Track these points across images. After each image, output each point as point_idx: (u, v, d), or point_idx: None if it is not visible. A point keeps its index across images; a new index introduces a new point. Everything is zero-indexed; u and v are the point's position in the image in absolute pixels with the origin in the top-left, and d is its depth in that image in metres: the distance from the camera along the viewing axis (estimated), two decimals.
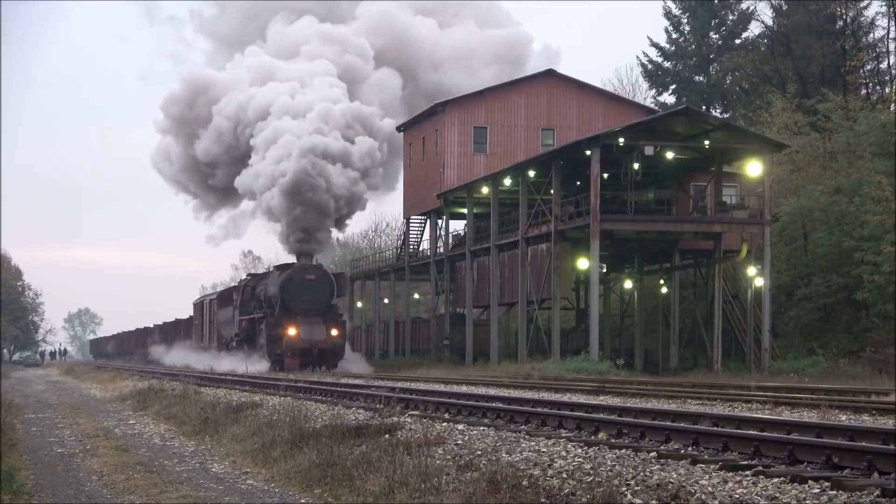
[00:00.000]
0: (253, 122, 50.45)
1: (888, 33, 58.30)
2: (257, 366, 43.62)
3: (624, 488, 8.96)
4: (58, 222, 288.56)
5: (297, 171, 45.22)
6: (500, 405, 15.96)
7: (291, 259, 48.68)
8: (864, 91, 57.60)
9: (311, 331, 43.40)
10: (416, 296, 64.81)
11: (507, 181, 48.66)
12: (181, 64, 61.35)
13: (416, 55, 59.46)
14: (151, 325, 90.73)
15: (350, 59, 54.39)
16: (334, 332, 43.89)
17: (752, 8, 67.92)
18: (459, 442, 12.24)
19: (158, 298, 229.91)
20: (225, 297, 56.98)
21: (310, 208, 45.45)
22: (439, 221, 56.44)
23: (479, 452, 11.35)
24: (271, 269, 51.49)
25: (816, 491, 8.41)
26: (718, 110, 65.85)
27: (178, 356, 63.94)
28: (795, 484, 8.73)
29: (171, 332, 77.00)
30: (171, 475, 13.25)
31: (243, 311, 49.53)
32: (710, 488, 8.76)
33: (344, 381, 27.58)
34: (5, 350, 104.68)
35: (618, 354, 46.44)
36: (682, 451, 10.77)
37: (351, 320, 58.91)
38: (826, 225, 44.35)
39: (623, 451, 10.80)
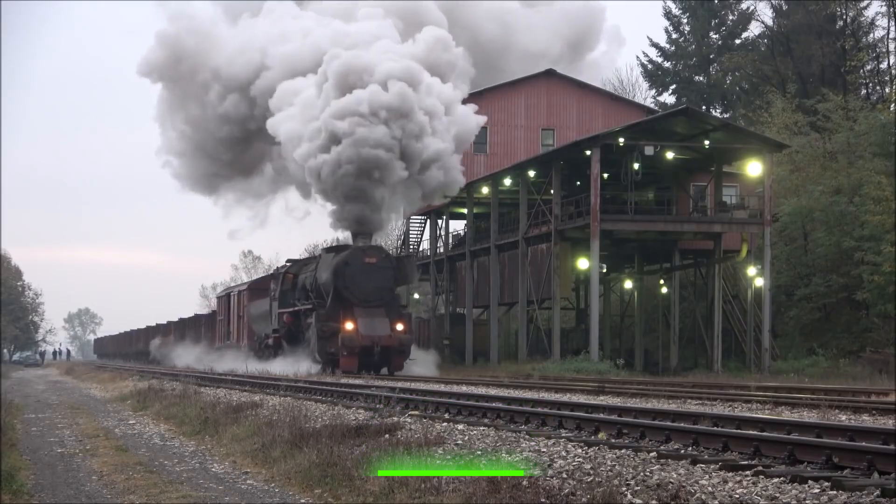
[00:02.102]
0: (280, 79, 42.98)
1: (888, 33, 58.45)
2: (303, 368, 36.72)
3: (624, 488, 8.96)
4: (58, 222, 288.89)
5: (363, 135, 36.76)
6: (500, 405, 15.95)
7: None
8: (864, 91, 57.65)
9: (373, 325, 35.99)
10: (416, 296, 64.86)
11: (507, 181, 48.69)
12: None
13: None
14: (165, 322, 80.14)
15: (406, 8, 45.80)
16: (399, 327, 36.59)
17: (752, 8, 68.13)
18: (459, 442, 12.24)
19: (159, 298, 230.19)
20: (258, 287, 49.90)
21: (372, 178, 37.24)
22: (439, 221, 56.45)
23: (479, 452, 11.35)
24: (321, 252, 42.40)
25: (816, 491, 8.41)
26: (718, 110, 65.89)
27: (199, 357, 56.12)
28: (795, 484, 8.72)
29: (190, 329, 68.03)
30: (171, 475, 13.25)
31: (283, 302, 41.91)
32: (710, 488, 8.76)
33: (344, 380, 27.55)
34: (5, 350, 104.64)
35: (618, 354, 46.47)
36: (682, 451, 10.76)
37: None
38: (826, 225, 44.37)
39: (623, 451, 10.80)
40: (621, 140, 41.33)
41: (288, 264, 44.66)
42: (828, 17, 58.74)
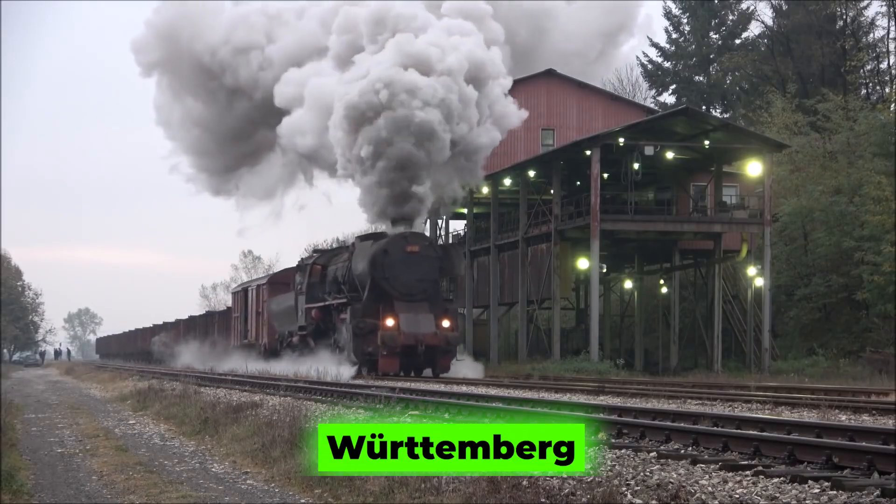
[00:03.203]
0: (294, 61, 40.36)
1: (888, 33, 58.46)
2: (337, 369, 32.24)
3: (624, 488, 8.96)
4: (58, 222, 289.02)
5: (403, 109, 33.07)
6: (500, 405, 15.96)
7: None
8: (864, 91, 57.68)
9: (416, 321, 32.33)
10: None
11: (507, 181, 48.68)
12: None
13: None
14: (173, 320, 75.79)
15: None
16: (446, 324, 32.80)
17: (752, 8, 68.07)
18: None
19: (159, 298, 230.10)
20: (280, 281, 45.90)
21: (419, 148, 33.31)
22: (439, 221, 56.41)
23: None
24: (355, 240, 37.62)
25: (816, 491, 8.41)
26: (718, 110, 65.89)
27: (213, 357, 52.30)
28: (795, 484, 8.73)
29: (200, 327, 64.09)
30: (171, 475, 13.25)
31: (311, 297, 37.90)
32: (710, 488, 8.77)
33: (343, 380, 27.57)
34: (5, 350, 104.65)
35: (618, 354, 46.47)
36: (682, 451, 10.77)
37: None
38: (826, 225, 44.37)
39: (623, 451, 10.80)
40: (621, 140, 41.33)
41: (314, 255, 40.96)
42: (828, 17, 58.76)
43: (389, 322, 32.25)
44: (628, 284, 52.40)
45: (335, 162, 36.19)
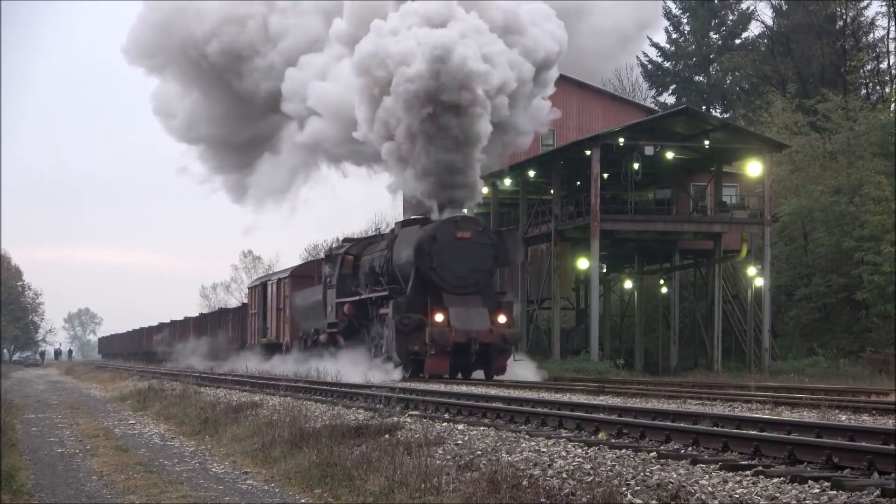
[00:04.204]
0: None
1: (888, 33, 58.51)
2: (377, 372, 29.43)
3: (624, 488, 8.96)
4: (58, 222, 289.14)
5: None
6: (500, 405, 15.96)
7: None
8: (864, 91, 57.70)
9: (468, 316, 28.85)
10: None
11: (508, 181, 48.68)
12: None
13: None
14: (181, 318, 71.59)
15: None
16: (502, 319, 29.28)
17: (752, 8, 68.17)
18: (459, 442, 12.24)
19: (159, 298, 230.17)
20: (303, 273, 42.45)
21: (458, 139, 30.16)
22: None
23: (479, 452, 11.35)
24: (395, 227, 33.71)
25: (816, 491, 8.41)
26: (718, 110, 65.90)
27: (229, 357, 49.25)
28: (795, 484, 8.72)
29: (212, 325, 59.72)
30: (171, 475, 13.25)
31: (342, 290, 34.32)
32: (710, 488, 8.77)
33: (343, 380, 27.55)
34: (5, 350, 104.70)
35: (618, 354, 46.48)
36: (682, 451, 10.77)
37: None
38: (826, 225, 44.39)
39: (623, 451, 10.80)
40: (621, 140, 41.34)
41: (343, 244, 37.67)
42: (828, 17, 58.79)
43: (439, 317, 28.71)
44: (628, 284, 52.41)
45: (359, 149, 34.04)
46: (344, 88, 34.89)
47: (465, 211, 31.48)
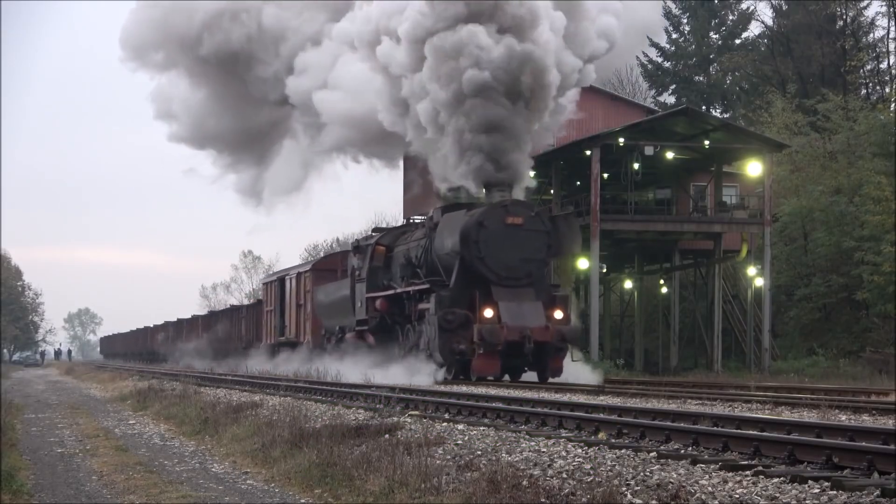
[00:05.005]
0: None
1: (888, 33, 58.46)
2: (415, 374, 26.62)
3: (624, 488, 8.96)
4: (58, 222, 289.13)
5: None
6: (500, 405, 15.96)
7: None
8: (864, 91, 57.68)
9: (521, 311, 26.11)
10: None
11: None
12: None
13: None
14: (189, 316, 69.11)
15: None
16: (558, 314, 26.60)
17: (752, 8, 68.17)
18: (459, 442, 12.24)
19: (159, 298, 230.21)
20: (325, 267, 39.78)
21: (506, 116, 27.38)
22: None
23: (479, 452, 11.36)
24: (433, 212, 29.96)
25: (816, 491, 8.41)
26: (718, 110, 65.86)
27: (241, 358, 46.62)
28: (795, 484, 8.73)
29: (223, 324, 56.71)
30: (171, 475, 13.25)
31: (373, 284, 31.43)
32: (710, 488, 8.77)
33: (343, 380, 27.52)
34: (5, 350, 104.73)
35: (618, 354, 46.46)
36: (682, 451, 10.77)
37: None
38: (826, 225, 44.39)
39: (623, 451, 10.80)
40: (621, 140, 41.33)
41: (372, 234, 34.80)
42: (828, 17, 58.77)
43: (488, 313, 25.94)
44: (628, 284, 52.41)
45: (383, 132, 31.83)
46: (354, 90, 33.92)
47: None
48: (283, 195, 46.20)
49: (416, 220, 35.40)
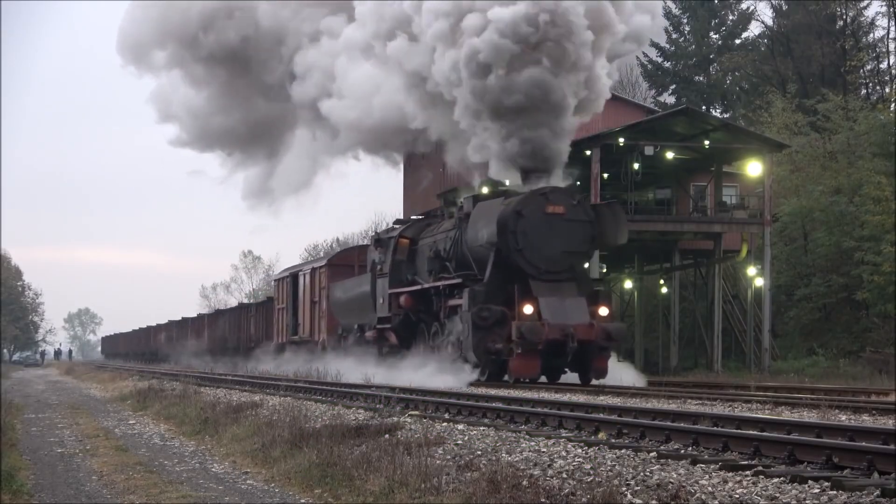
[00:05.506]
0: None
1: (888, 33, 58.47)
2: (445, 376, 24.91)
3: (624, 488, 8.97)
4: (58, 222, 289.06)
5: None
6: (500, 405, 15.96)
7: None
8: (864, 91, 57.68)
9: (563, 308, 24.27)
10: None
11: (507, 181, 48.57)
12: None
13: None
14: (195, 315, 68.09)
15: None
16: (604, 311, 24.96)
17: (752, 8, 68.18)
18: (459, 442, 12.25)
19: (159, 298, 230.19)
20: (341, 262, 38.19)
21: (542, 99, 25.42)
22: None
23: (479, 452, 11.36)
24: (462, 202, 28.26)
25: (816, 491, 8.41)
26: (718, 110, 65.88)
27: (250, 358, 44.60)
28: (795, 484, 8.73)
29: (231, 323, 55.08)
30: (171, 475, 13.25)
31: (396, 279, 29.72)
32: (710, 488, 8.77)
33: (343, 379, 27.50)
34: (5, 350, 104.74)
35: (618, 354, 46.40)
36: (682, 451, 10.77)
37: None
38: (826, 225, 44.40)
39: (623, 451, 10.80)
40: (621, 140, 41.30)
41: (394, 227, 32.72)
42: (828, 17, 58.78)
43: (527, 309, 24.09)
44: (628, 284, 52.39)
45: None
46: (363, 96, 33.17)
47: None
48: (293, 191, 44.60)
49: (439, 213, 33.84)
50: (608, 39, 27.16)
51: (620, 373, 26.20)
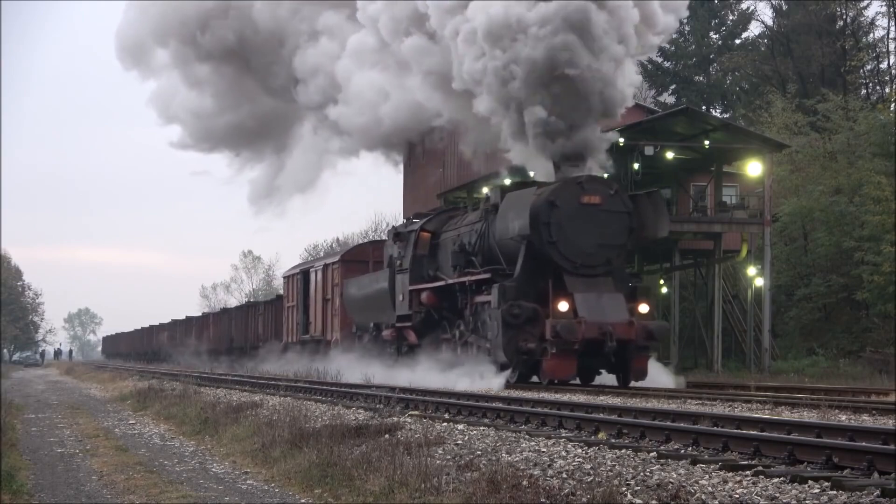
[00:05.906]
0: None
1: (888, 33, 58.43)
2: (473, 379, 23.50)
3: (624, 488, 8.97)
4: (58, 222, 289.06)
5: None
6: (500, 405, 15.97)
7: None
8: (864, 91, 57.68)
9: (600, 304, 22.90)
10: None
11: (507, 181, 48.55)
12: None
13: None
14: (199, 314, 67.05)
15: None
16: (644, 308, 23.61)
17: (752, 8, 68.16)
18: (459, 442, 12.25)
19: (159, 298, 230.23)
20: (355, 258, 36.95)
21: (574, 85, 23.88)
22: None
23: (479, 452, 11.36)
24: (489, 193, 27.63)
25: (816, 491, 8.41)
26: (718, 110, 65.87)
27: (258, 359, 43.08)
28: (795, 484, 8.73)
29: (238, 321, 53.45)
30: (171, 475, 13.25)
31: (417, 274, 28.31)
32: (710, 488, 8.77)
33: (343, 379, 27.49)
34: (5, 350, 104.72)
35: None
36: (682, 451, 10.77)
37: None
38: (826, 225, 44.39)
39: (623, 451, 10.80)
40: (621, 140, 41.29)
41: (413, 220, 31.05)
42: (828, 17, 58.77)
43: (563, 306, 22.67)
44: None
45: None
46: (370, 102, 33.10)
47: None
48: (300, 189, 44.62)
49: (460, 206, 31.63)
50: (645, 37, 26.32)
51: (658, 375, 24.83)
